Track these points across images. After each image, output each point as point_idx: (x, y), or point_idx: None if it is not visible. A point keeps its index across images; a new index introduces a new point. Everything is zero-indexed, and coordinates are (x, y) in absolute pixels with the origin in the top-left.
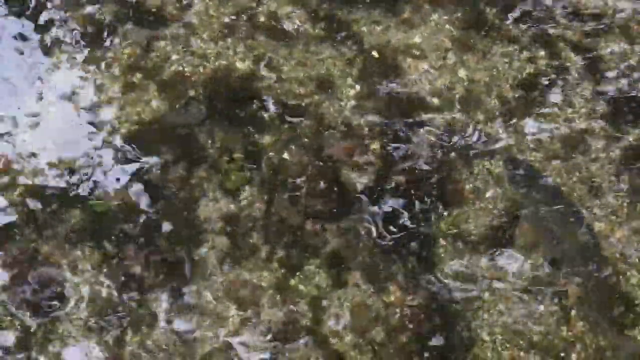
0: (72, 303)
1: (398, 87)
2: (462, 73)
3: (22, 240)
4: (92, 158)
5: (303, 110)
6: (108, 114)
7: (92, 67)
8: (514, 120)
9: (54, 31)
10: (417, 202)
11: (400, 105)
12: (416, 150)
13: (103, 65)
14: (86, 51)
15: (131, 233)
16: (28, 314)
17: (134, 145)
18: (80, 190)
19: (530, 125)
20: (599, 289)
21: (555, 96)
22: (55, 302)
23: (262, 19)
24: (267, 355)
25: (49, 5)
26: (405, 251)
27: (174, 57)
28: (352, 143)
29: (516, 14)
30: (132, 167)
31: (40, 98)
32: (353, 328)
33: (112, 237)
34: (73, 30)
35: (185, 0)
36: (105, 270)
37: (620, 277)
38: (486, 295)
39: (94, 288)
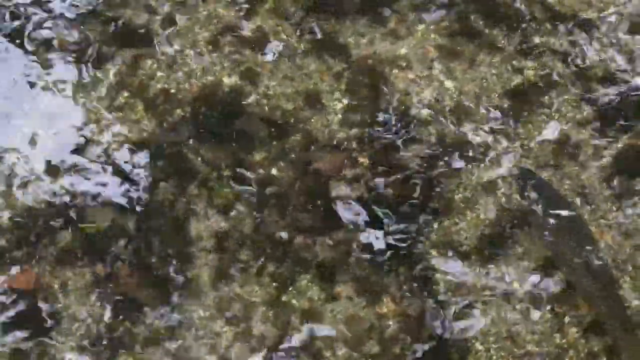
0: (64, 324)
1: (386, 99)
2: (449, 84)
3: (13, 262)
4: (81, 179)
5: (291, 126)
6: (95, 134)
7: (78, 88)
8: (503, 130)
9: (40, 52)
10: (407, 214)
11: (388, 117)
12: (405, 161)
13: (89, 85)
14: (72, 71)
15: (122, 253)
16: (20, 335)
17: (122, 165)
18: (69, 212)
19: (519, 134)
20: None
21: (543, 104)
22: (47, 324)
23: (248, 34)
24: None
25: (33, 26)
26: (397, 263)
27: (160, 75)
28: (340, 157)
29: (502, 23)
30: (122, 186)
31: (28, 120)
32: (346, 341)
33: (103, 258)
34: (59, 50)
35: (170, 18)
36: (96, 290)
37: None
38: (479, 304)
39: (86, 309)
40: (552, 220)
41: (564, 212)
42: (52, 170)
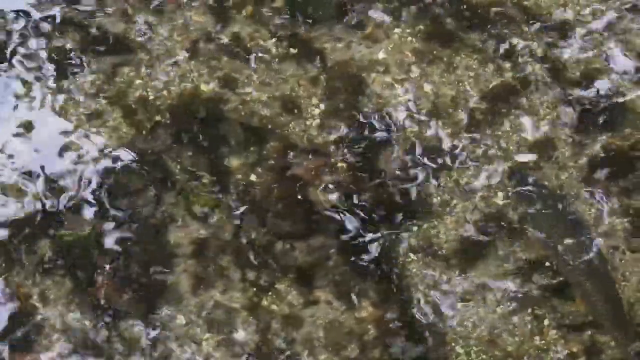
0: (44, 333)
1: (363, 104)
2: (427, 87)
3: None
4: (59, 187)
5: (269, 132)
6: (74, 141)
7: (56, 95)
8: (482, 132)
9: (17, 60)
10: (386, 218)
11: (366, 121)
12: (383, 166)
13: (67, 93)
14: (50, 79)
15: (102, 261)
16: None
17: (101, 172)
18: (48, 220)
19: (497, 136)
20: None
21: (521, 105)
22: (28, 334)
23: (225, 40)
24: None
25: (11, 34)
26: (376, 267)
27: (138, 82)
28: (318, 162)
29: (479, 26)
30: (101, 194)
31: (5, 128)
32: (327, 345)
33: (83, 266)
34: (37, 59)
35: (148, 26)
36: (77, 299)
37: None
38: (459, 307)
39: (66, 318)
40: (549, 221)
41: (563, 213)
42: (30, 178)
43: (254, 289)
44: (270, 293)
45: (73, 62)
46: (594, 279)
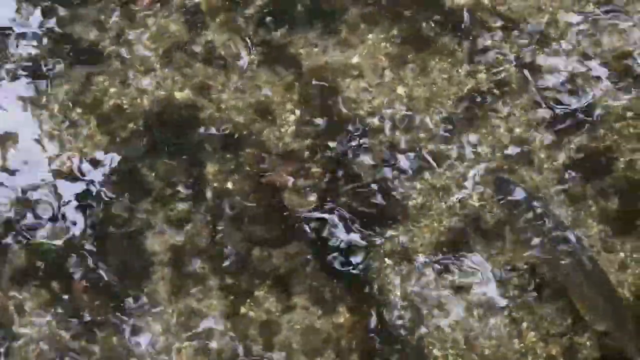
0: (20, 344)
1: (338, 109)
2: (401, 91)
3: None
4: (34, 197)
5: (244, 138)
6: (49, 151)
7: (30, 105)
8: (456, 135)
9: None
10: (361, 223)
11: (341, 127)
12: (358, 171)
13: (42, 102)
14: (24, 89)
15: (78, 270)
16: None
17: (76, 181)
18: (24, 230)
19: (472, 139)
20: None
21: (496, 109)
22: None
23: (198, 48)
24: None
25: None
26: (352, 272)
27: (113, 90)
28: (293, 168)
29: (453, 30)
30: (76, 203)
31: None
32: (304, 351)
33: (59, 276)
34: (10, 68)
35: (121, 34)
36: (53, 309)
37: None
38: (436, 311)
39: (42, 328)
40: (536, 226)
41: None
42: (5, 188)
43: (232, 296)
44: (247, 300)
45: (47, 71)
46: (589, 280)
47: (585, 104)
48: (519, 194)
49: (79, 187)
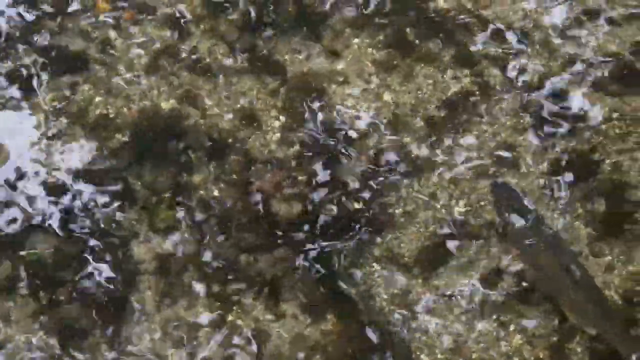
0: (8, 353)
1: (323, 115)
2: (387, 96)
3: None
4: (21, 207)
5: (229, 146)
6: (35, 161)
7: (16, 115)
8: (442, 140)
9: None
10: (348, 229)
11: (327, 133)
12: (345, 177)
13: (27, 112)
14: (10, 99)
15: (65, 280)
16: None
17: (63, 191)
18: (10, 240)
19: (458, 144)
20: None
21: (481, 113)
22: None
23: (183, 55)
24: None
25: None
26: (340, 278)
27: (98, 99)
28: (279, 175)
29: (437, 35)
30: (63, 213)
31: None
32: (292, 358)
33: (46, 285)
34: None
35: (106, 43)
36: (40, 319)
37: None
38: (423, 316)
39: (30, 338)
40: (529, 234)
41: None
42: None
43: (219, 304)
44: (235, 308)
45: (32, 81)
46: (578, 287)
47: (571, 107)
48: (515, 198)
49: (66, 196)
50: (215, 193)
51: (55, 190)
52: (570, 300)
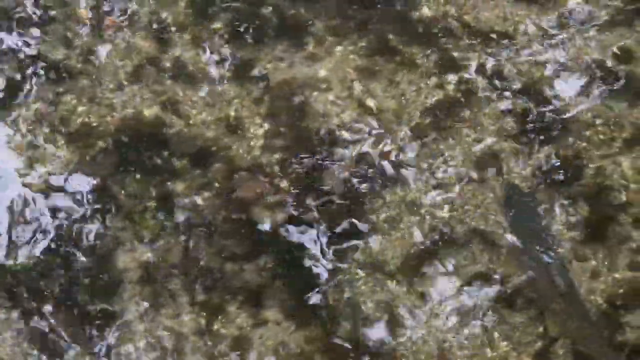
0: None
1: (306, 123)
2: (370, 103)
3: None
4: (2, 217)
5: (213, 154)
6: (17, 170)
7: None
8: (426, 146)
9: None
10: (332, 236)
11: (310, 140)
12: (328, 184)
13: (10, 121)
14: None
15: (49, 290)
16: None
17: (45, 200)
18: None
19: (442, 149)
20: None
21: (464, 118)
22: None
23: (167, 64)
24: None
25: None
26: (324, 285)
27: (81, 108)
28: (262, 183)
29: (420, 41)
30: (46, 222)
31: None
32: None
33: (30, 296)
34: None
35: (88, 52)
36: (24, 329)
37: None
38: (408, 322)
39: (14, 349)
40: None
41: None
42: None
43: (203, 313)
44: (219, 316)
45: (15, 90)
46: (563, 300)
47: (554, 112)
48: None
49: (49, 205)
50: (199, 201)
51: (37, 198)
52: (554, 311)
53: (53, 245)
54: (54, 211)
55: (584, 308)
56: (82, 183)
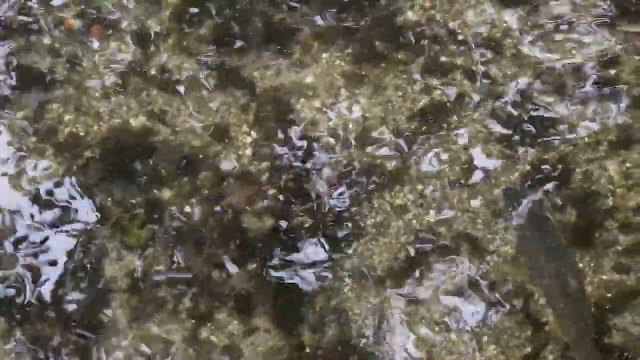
0: None
1: (294, 129)
2: (356, 109)
3: None
4: None
5: (200, 162)
6: (3, 182)
7: None
8: (412, 152)
9: None
10: (320, 243)
11: (298, 147)
12: (316, 190)
13: None
14: None
15: (37, 299)
16: None
17: (33, 211)
18: None
19: (429, 155)
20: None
21: (451, 124)
22: None
23: (153, 72)
24: None
25: None
26: (313, 292)
27: (68, 118)
28: (250, 191)
29: (406, 46)
30: (33, 232)
31: None
32: None
33: (18, 306)
34: None
35: (74, 61)
36: (12, 339)
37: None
38: (397, 328)
39: (1, 357)
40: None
41: (550, 237)
42: None
43: (193, 321)
44: (209, 324)
45: (1, 100)
46: (571, 302)
47: (541, 117)
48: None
49: (36, 215)
50: (187, 209)
51: (24, 208)
52: (560, 313)
53: (40, 255)
54: (41, 220)
55: (589, 309)
56: (70, 192)
